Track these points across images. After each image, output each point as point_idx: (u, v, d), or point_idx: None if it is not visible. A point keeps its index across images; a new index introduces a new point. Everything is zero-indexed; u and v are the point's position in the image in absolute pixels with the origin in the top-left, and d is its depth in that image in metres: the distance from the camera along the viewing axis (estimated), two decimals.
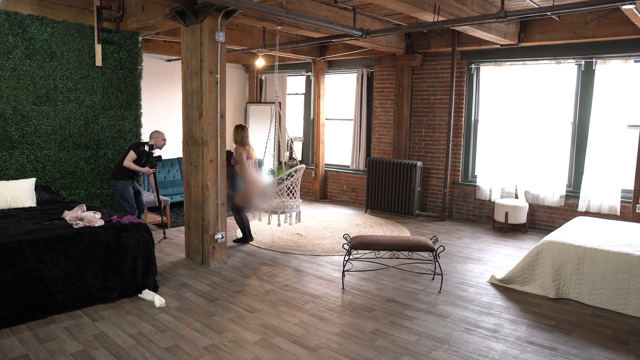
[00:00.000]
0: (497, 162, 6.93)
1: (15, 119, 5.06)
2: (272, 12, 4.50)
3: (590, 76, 6.17)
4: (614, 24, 5.62)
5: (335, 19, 5.56)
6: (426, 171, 7.65)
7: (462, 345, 3.32)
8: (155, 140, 5.59)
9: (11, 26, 4.92)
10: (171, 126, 8.56)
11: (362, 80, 8.27)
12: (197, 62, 4.62)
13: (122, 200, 5.44)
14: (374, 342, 3.33)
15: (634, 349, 3.29)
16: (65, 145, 5.44)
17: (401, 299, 4.13)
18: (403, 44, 7.26)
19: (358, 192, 8.52)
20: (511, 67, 6.75)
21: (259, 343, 3.29)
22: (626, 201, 5.98)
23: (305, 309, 3.90)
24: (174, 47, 7.77)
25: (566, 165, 6.50)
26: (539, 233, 6.47)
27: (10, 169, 5.08)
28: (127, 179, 5.43)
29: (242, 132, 5.58)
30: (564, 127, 6.46)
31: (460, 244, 5.93)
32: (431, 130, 7.56)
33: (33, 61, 5.11)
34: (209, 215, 4.74)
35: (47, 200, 5.00)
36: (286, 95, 9.51)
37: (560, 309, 3.98)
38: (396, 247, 4.33)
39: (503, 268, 4.98)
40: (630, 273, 3.85)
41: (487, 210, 7.13)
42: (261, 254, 5.44)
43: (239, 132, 5.58)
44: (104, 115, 5.70)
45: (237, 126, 5.61)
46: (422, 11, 4.75)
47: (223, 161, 4.79)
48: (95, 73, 5.57)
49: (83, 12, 5.49)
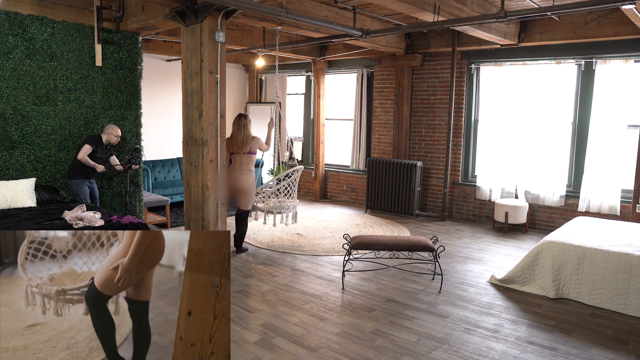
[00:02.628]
0: (497, 162, 6.93)
1: (15, 119, 5.06)
2: (272, 12, 4.50)
3: (590, 76, 6.17)
4: (614, 24, 5.62)
5: (335, 19, 5.56)
6: (426, 171, 7.66)
7: (462, 345, 3.32)
8: (108, 137, 5.28)
9: (11, 26, 4.92)
10: (171, 126, 8.57)
11: (362, 80, 8.27)
12: (197, 62, 4.61)
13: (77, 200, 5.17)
14: (374, 342, 3.33)
15: (634, 349, 3.29)
16: (65, 145, 5.44)
17: (401, 299, 4.13)
18: (403, 44, 7.27)
19: (358, 192, 8.52)
20: (511, 67, 6.75)
21: (259, 343, 3.29)
22: (626, 201, 5.98)
23: (305, 309, 3.90)
24: (174, 47, 7.77)
25: (566, 165, 6.50)
26: (539, 233, 6.47)
27: (10, 169, 5.08)
28: (82, 177, 5.18)
29: (237, 123, 5.22)
30: (564, 127, 6.46)
31: (460, 244, 5.93)
32: (431, 130, 7.56)
33: (33, 61, 5.12)
34: (209, 215, 4.74)
35: (47, 200, 5.00)
36: (286, 95, 9.51)
37: (560, 309, 3.98)
38: (396, 247, 4.33)
39: (503, 268, 4.98)
40: (630, 273, 3.85)
41: (487, 210, 7.13)
42: (261, 254, 5.44)
43: (234, 122, 5.25)
44: (104, 115, 5.70)
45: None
46: (422, 11, 4.75)
47: (223, 161, 4.78)
48: (95, 73, 5.57)
49: (83, 12, 5.49)
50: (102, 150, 5.29)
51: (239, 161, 5.26)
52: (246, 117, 5.26)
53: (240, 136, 5.20)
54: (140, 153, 5.83)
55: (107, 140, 5.30)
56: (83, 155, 5.10)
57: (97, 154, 5.23)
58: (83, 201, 5.16)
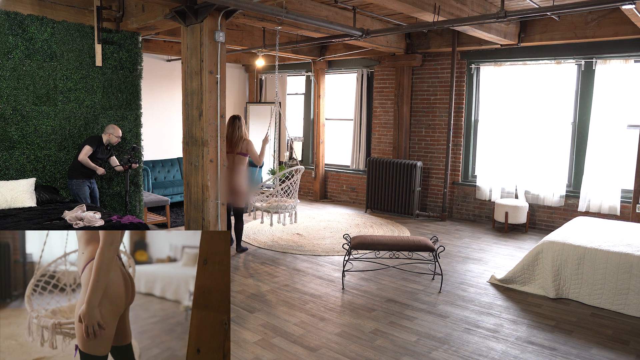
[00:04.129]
0: (497, 162, 6.93)
1: (15, 119, 5.06)
2: (272, 12, 4.50)
3: (590, 76, 6.17)
4: (614, 24, 5.62)
5: (335, 19, 5.56)
6: (426, 171, 7.66)
7: (462, 345, 3.32)
8: (109, 137, 5.27)
9: (11, 26, 4.92)
10: (171, 126, 8.57)
11: (362, 80, 8.27)
12: (197, 62, 4.61)
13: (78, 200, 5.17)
14: (374, 342, 3.33)
15: (634, 349, 3.29)
16: (65, 145, 5.44)
17: (401, 299, 4.13)
18: (403, 44, 7.26)
19: (358, 192, 8.52)
20: (511, 67, 6.75)
21: (259, 343, 3.29)
22: (626, 201, 5.98)
23: (305, 309, 3.90)
24: (174, 47, 7.77)
25: (566, 165, 6.50)
26: (539, 233, 6.47)
27: (10, 169, 5.08)
28: (82, 177, 5.18)
29: (230, 124, 5.28)
30: (564, 127, 6.46)
31: (460, 244, 5.93)
32: (431, 130, 7.56)
33: (33, 61, 5.12)
34: (209, 215, 4.74)
35: (47, 200, 5.00)
36: (286, 95, 9.51)
37: (560, 309, 3.98)
38: (396, 247, 4.33)
39: (503, 268, 4.98)
40: (630, 273, 3.85)
41: (487, 210, 7.13)
42: (261, 254, 5.44)
43: (228, 123, 5.27)
44: (104, 115, 5.70)
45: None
46: (422, 11, 4.75)
47: (223, 161, 4.79)
48: (95, 73, 5.57)
49: (83, 12, 5.49)
50: (102, 151, 5.29)
51: (231, 160, 5.37)
52: (240, 119, 5.41)
53: (235, 137, 5.34)
54: (139, 152, 5.84)
55: (107, 140, 5.29)
56: (83, 157, 5.09)
57: (98, 154, 5.23)
58: (83, 201, 5.16)
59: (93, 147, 5.15)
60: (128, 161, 5.37)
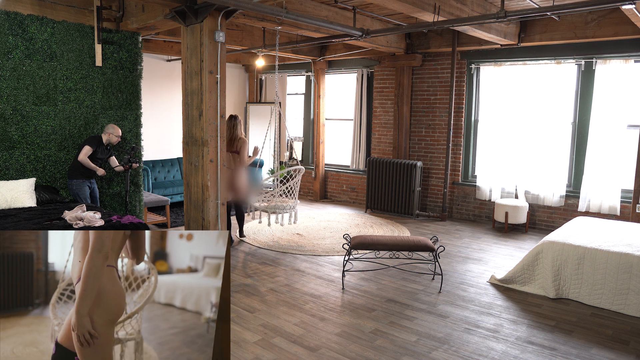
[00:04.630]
0: (497, 162, 6.93)
1: (15, 119, 5.06)
2: (272, 12, 4.50)
3: (590, 76, 6.17)
4: (614, 24, 5.62)
5: (335, 19, 5.56)
6: (426, 171, 7.66)
7: (462, 345, 3.32)
8: (109, 137, 5.26)
9: (11, 26, 4.92)
10: (171, 126, 8.57)
11: (362, 80, 8.27)
12: (197, 62, 4.61)
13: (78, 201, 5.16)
14: (374, 342, 3.33)
15: (634, 349, 3.29)
16: (65, 145, 5.44)
17: (401, 299, 4.13)
18: (403, 44, 7.26)
19: (358, 192, 8.52)
20: (511, 67, 6.75)
21: (259, 343, 3.29)
22: (626, 201, 5.98)
23: (305, 309, 3.90)
24: (174, 47, 7.77)
25: (566, 165, 6.50)
26: (539, 233, 6.47)
27: (10, 169, 5.08)
28: (82, 177, 5.17)
29: (227, 123, 5.39)
30: (564, 127, 6.46)
31: (460, 244, 5.93)
32: (431, 130, 7.56)
33: (33, 61, 5.11)
34: (209, 215, 4.74)
35: (47, 200, 5.00)
36: (286, 95, 9.51)
37: (560, 309, 3.98)
38: (396, 247, 4.33)
39: (503, 268, 4.98)
40: (630, 273, 3.85)
41: (487, 210, 7.13)
42: (261, 253, 5.44)
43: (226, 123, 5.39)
44: (104, 115, 5.70)
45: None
46: (422, 11, 4.75)
47: (223, 161, 4.79)
48: (95, 73, 5.57)
49: (83, 12, 5.49)
50: (102, 151, 5.29)
51: (229, 159, 5.56)
52: (236, 118, 5.63)
53: (232, 136, 5.55)
54: (138, 151, 5.84)
55: (107, 140, 5.29)
56: (83, 157, 5.09)
57: (98, 154, 5.23)
58: (83, 201, 5.16)
59: (93, 147, 5.15)
60: (128, 161, 5.37)
